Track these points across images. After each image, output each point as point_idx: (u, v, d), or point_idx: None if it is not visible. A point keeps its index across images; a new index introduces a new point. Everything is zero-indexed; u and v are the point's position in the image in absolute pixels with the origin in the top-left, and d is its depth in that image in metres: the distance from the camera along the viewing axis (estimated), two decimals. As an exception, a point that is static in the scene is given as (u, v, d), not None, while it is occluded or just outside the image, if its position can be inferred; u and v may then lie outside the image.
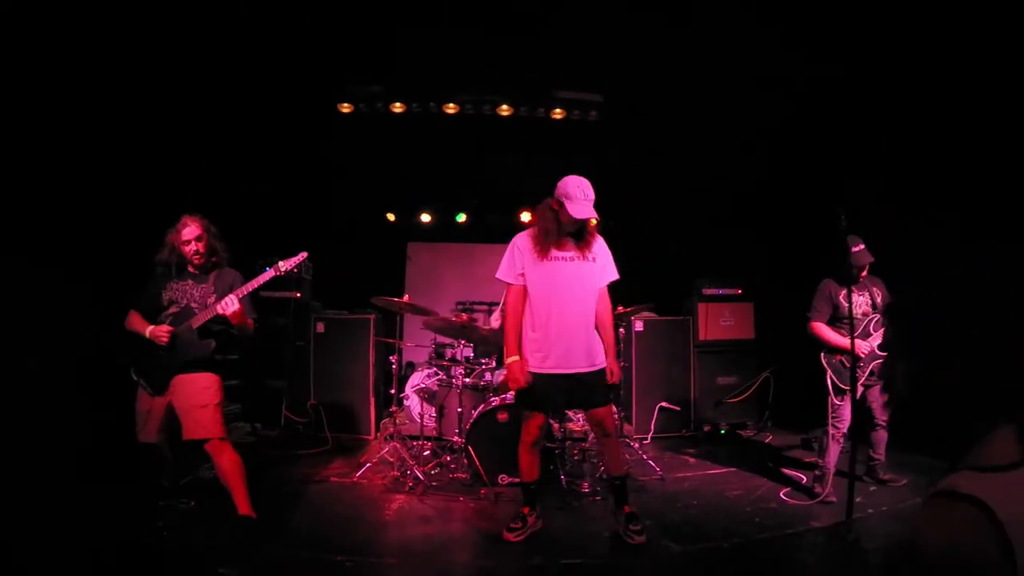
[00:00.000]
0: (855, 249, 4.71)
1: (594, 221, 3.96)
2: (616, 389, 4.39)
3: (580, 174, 3.88)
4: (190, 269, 4.06)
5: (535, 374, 3.90)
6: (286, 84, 6.50)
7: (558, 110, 7.32)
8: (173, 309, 3.95)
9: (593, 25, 5.82)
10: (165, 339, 3.82)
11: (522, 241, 4.00)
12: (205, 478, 4.72)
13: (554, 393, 3.92)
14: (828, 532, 4.00)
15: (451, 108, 7.24)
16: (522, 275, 3.97)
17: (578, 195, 3.80)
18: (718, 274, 7.56)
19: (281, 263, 3.98)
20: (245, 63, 6.06)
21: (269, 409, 7.07)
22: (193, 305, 3.96)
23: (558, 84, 7.10)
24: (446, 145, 8.07)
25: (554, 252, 3.88)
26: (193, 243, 3.98)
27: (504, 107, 7.24)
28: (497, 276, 4.11)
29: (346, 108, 7.22)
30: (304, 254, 4.06)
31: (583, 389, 3.91)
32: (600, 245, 4.03)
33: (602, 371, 3.95)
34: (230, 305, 3.78)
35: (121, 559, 3.66)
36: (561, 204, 3.84)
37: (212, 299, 3.93)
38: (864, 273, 4.84)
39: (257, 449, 6.38)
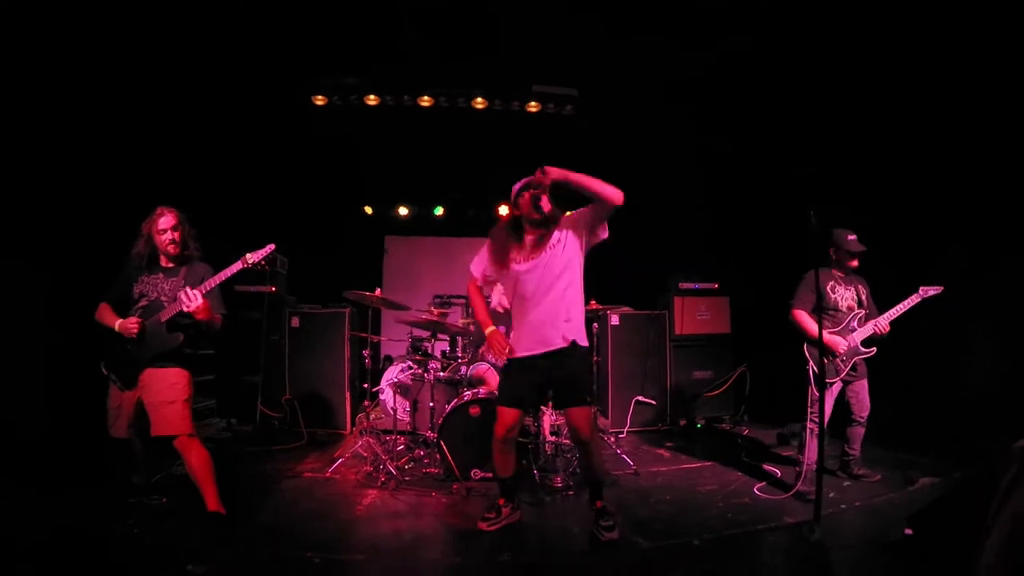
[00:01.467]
0: (849, 238, 4.76)
1: (545, 206, 3.83)
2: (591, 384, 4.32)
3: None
4: (162, 262, 4.06)
5: (510, 360, 3.98)
6: (258, 76, 6.43)
7: (533, 104, 7.28)
8: (143, 302, 3.94)
9: (567, 20, 5.80)
10: (135, 331, 3.81)
11: (489, 244, 4.09)
12: (177, 475, 4.59)
13: (530, 380, 3.92)
14: (800, 529, 3.99)
15: (426, 101, 7.19)
16: (486, 275, 4.14)
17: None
18: (694, 268, 7.57)
19: (248, 255, 3.89)
20: (218, 54, 5.99)
21: (244, 404, 6.99)
22: (163, 299, 3.94)
23: (533, 78, 7.05)
24: (423, 138, 8.02)
25: (514, 261, 3.92)
26: (169, 232, 3.99)
27: (479, 100, 7.18)
28: (471, 268, 4.22)
29: (320, 100, 7.15)
30: (272, 246, 3.97)
31: (560, 379, 3.88)
32: (561, 227, 3.92)
33: (578, 349, 3.87)
34: (193, 300, 3.73)
35: (89, 556, 3.62)
36: (516, 204, 3.92)
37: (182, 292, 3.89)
38: (855, 263, 4.84)
39: (232, 445, 6.34)
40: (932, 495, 4.51)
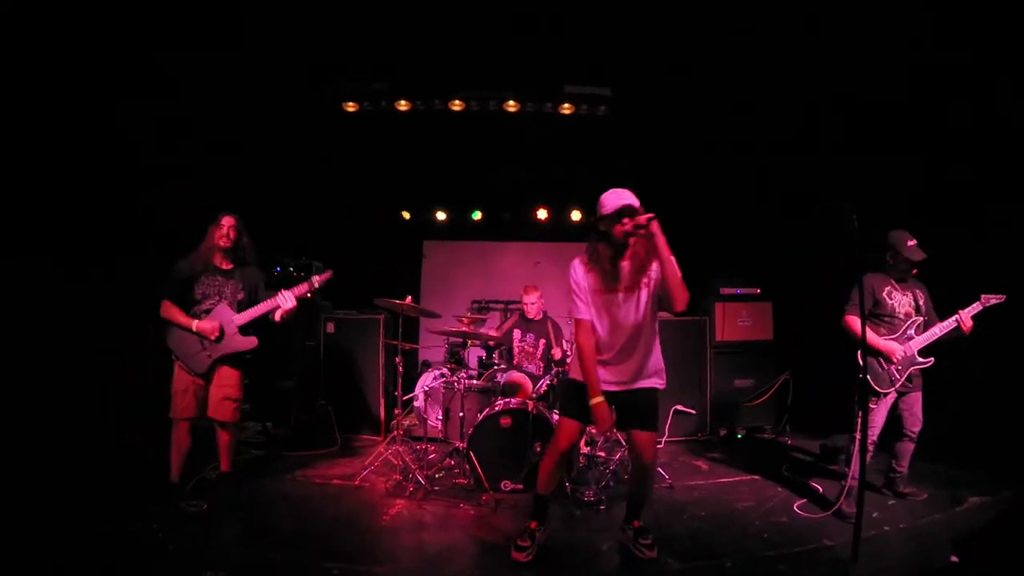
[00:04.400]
0: (909, 244, 4.47)
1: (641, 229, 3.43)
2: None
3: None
4: (217, 263, 4.53)
5: (580, 385, 3.68)
6: (289, 81, 6.45)
7: (566, 105, 7.14)
8: (207, 304, 4.45)
9: (602, 17, 5.68)
10: (216, 336, 4.40)
11: (577, 273, 3.69)
12: (210, 479, 4.80)
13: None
14: (839, 552, 3.78)
15: (457, 105, 7.11)
16: (586, 307, 3.68)
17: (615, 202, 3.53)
18: (736, 273, 7.35)
19: (315, 278, 4.62)
20: (250, 64, 6.03)
21: (279, 409, 7.03)
22: (225, 301, 4.48)
23: (566, 78, 6.93)
24: (458, 142, 7.98)
25: (608, 286, 3.62)
26: (228, 229, 4.50)
27: (511, 103, 7.09)
28: (576, 316, 3.73)
29: (351, 107, 7.14)
30: (329, 272, 4.80)
31: (630, 408, 3.71)
32: (652, 271, 3.61)
33: (653, 391, 3.73)
34: (289, 301, 4.50)
35: (111, 556, 3.67)
36: (607, 221, 3.55)
37: (242, 295, 4.53)
38: (914, 271, 4.59)
39: (266, 448, 6.37)
40: (981, 517, 4.28)
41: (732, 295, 7.28)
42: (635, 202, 3.48)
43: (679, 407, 6.89)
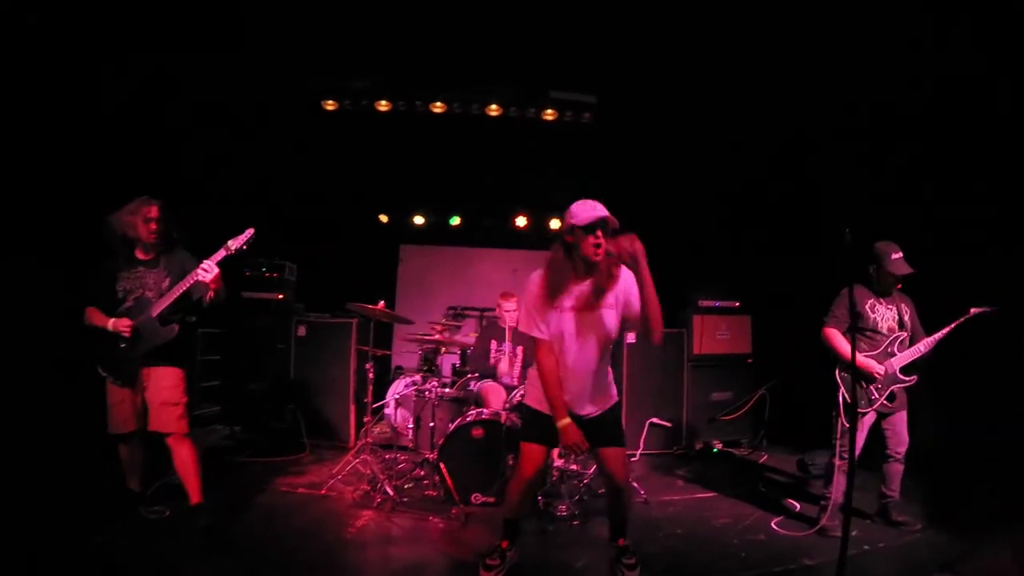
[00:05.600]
0: (894, 256, 4.27)
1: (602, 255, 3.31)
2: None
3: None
4: (139, 255, 4.06)
5: (541, 412, 3.51)
6: (267, 77, 6.29)
7: (550, 111, 7.06)
8: (129, 301, 3.98)
9: (588, 23, 5.60)
10: (128, 332, 3.88)
11: (537, 288, 3.47)
12: (173, 484, 4.43)
13: (554, 433, 3.46)
14: (819, 572, 3.70)
15: (438, 107, 7.00)
16: (546, 325, 3.45)
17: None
18: (715, 286, 7.29)
19: (230, 241, 3.90)
20: (225, 55, 5.86)
21: (248, 413, 6.85)
22: (148, 293, 3.99)
23: (551, 84, 6.84)
24: (438, 145, 7.85)
25: (566, 300, 3.41)
26: (153, 223, 3.99)
27: (493, 107, 6.99)
28: (522, 331, 3.59)
29: (330, 105, 7.00)
30: (251, 230, 3.95)
31: (592, 427, 3.49)
32: (625, 280, 3.42)
33: (613, 408, 3.60)
34: (211, 270, 3.78)
35: (62, 566, 3.51)
36: (575, 234, 3.34)
37: (166, 283, 3.98)
38: (899, 285, 4.42)
39: (234, 453, 6.18)
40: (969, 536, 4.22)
41: (711, 308, 7.23)
42: (608, 215, 3.27)
43: (655, 420, 6.78)
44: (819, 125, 6.33)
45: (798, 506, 4.88)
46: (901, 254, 4.30)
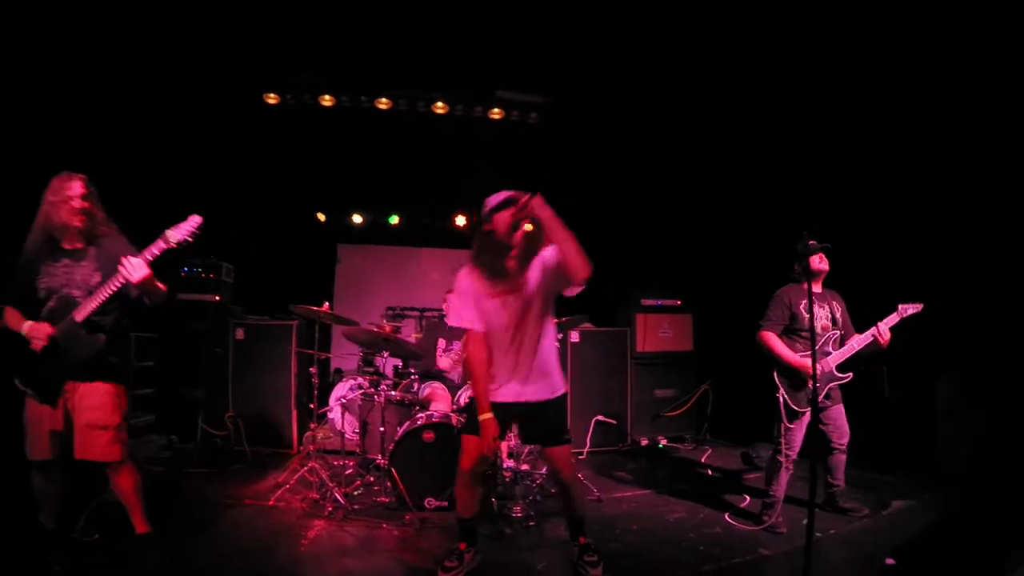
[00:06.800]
0: (813, 254, 4.38)
1: (528, 226, 3.40)
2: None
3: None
4: (65, 244, 3.40)
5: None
6: (207, 68, 6.01)
7: (496, 110, 7.02)
8: (52, 302, 3.34)
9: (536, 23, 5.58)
10: (42, 342, 3.26)
11: (464, 281, 3.51)
12: (109, 502, 4.03)
13: (501, 417, 3.46)
14: (777, 562, 3.79)
15: (383, 104, 6.86)
16: (481, 317, 3.48)
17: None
18: (657, 284, 7.40)
19: (169, 232, 3.26)
20: (159, 42, 5.56)
21: (185, 421, 6.57)
22: (75, 292, 3.34)
23: (497, 83, 6.80)
24: (378, 143, 7.70)
25: (495, 288, 3.43)
26: (77, 200, 3.35)
27: (439, 104, 6.89)
28: (451, 324, 3.63)
29: (272, 99, 6.76)
30: (197, 218, 3.29)
31: (538, 423, 3.55)
32: (543, 257, 3.44)
33: (559, 401, 3.60)
34: (138, 269, 3.17)
35: None
36: (491, 220, 3.38)
37: (96, 279, 3.35)
38: (818, 282, 4.56)
39: (172, 464, 5.92)
40: (907, 520, 4.40)
41: (653, 306, 7.34)
42: (515, 193, 3.31)
43: (600, 418, 6.86)
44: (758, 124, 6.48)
45: (748, 498, 4.99)
46: (822, 252, 4.44)
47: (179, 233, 3.25)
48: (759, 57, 5.65)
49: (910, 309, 4.35)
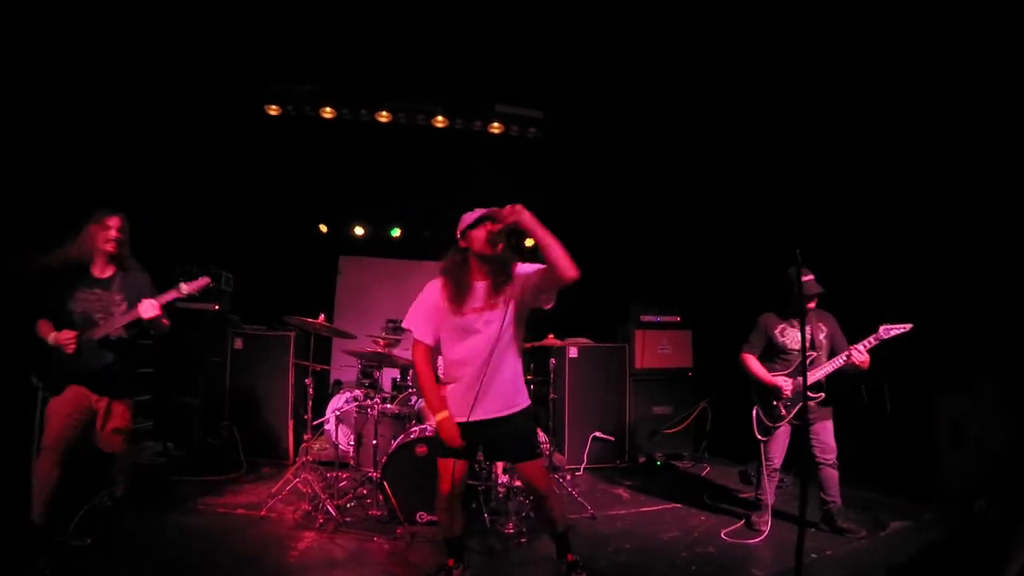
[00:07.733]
0: (804, 279, 4.43)
1: (500, 248, 3.34)
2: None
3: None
4: (95, 272, 3.96)
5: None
6: (209, 79, 6.05)
7: (496, 124, 7.03)
8: (95, 331, 3.87)
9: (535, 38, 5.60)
10: (73, 346, 3.76)
11: (431, 292, 3.52)
12: (103, 507, 4.32)
13: (469, 437, 3.42)
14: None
15: (384, 116, 6.88)
16: (434, 333, 3.50)
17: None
18: (656, 300, 7.38)
19: (183, 285, 3.89)
20: (164, 54, 5.60)
21: (182, 428, 6.56)
22: (97, 316, 3.89)
23: (497, 98, 6.82)
24: (381, 155, 7.72)
25: (468, 303, 3.40)
26: (115, 231, 3.95)
27: (439, 118, 6.91)
28: (404, 325, 3.62)
29: (274, 110, 6.79)
30: (206, 279, 3.99)
31: (505, 439, 3.49)
32: (519, 274, 3.43)
33: (523, 413, 3.53)
34: (148, 310, 3.78)
35: None
36: (466, 237, 3.40)
37: (123, 307, 3.92)
38: (812, 305, 4.61)
39: (167, 471, 5.90)
40: (905, 541, 4.35)
41: (652, 323, 7.31)
42: (492, 210, 3.35)
43: (598, 434, 6.83)
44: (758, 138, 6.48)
45: (743, 521, 4.94)
46: (812, 276, 4.53)
47: (190, 288, 3.89)
48: (757, 73, 5.64)
49: (893, 330, 4.32)
